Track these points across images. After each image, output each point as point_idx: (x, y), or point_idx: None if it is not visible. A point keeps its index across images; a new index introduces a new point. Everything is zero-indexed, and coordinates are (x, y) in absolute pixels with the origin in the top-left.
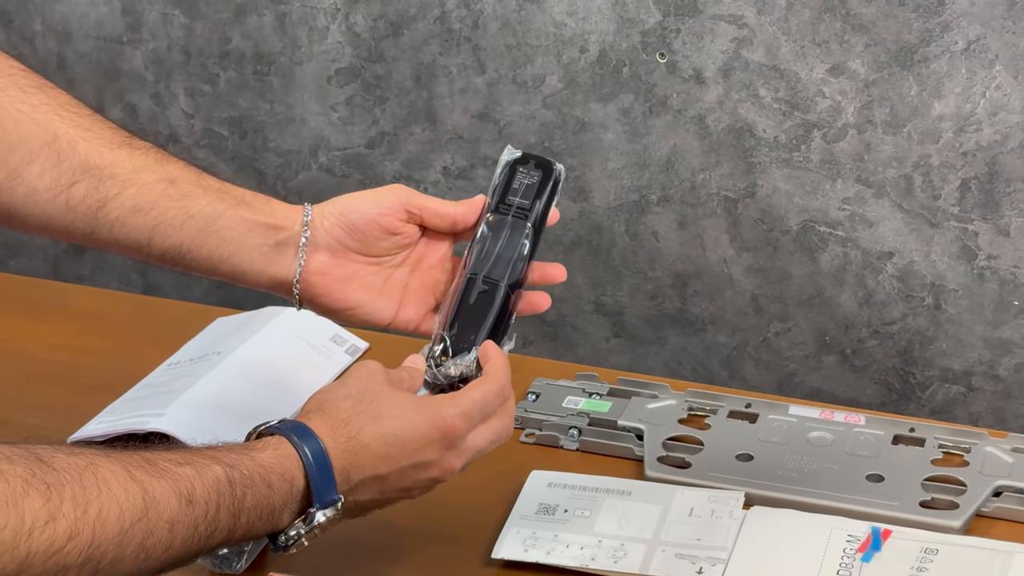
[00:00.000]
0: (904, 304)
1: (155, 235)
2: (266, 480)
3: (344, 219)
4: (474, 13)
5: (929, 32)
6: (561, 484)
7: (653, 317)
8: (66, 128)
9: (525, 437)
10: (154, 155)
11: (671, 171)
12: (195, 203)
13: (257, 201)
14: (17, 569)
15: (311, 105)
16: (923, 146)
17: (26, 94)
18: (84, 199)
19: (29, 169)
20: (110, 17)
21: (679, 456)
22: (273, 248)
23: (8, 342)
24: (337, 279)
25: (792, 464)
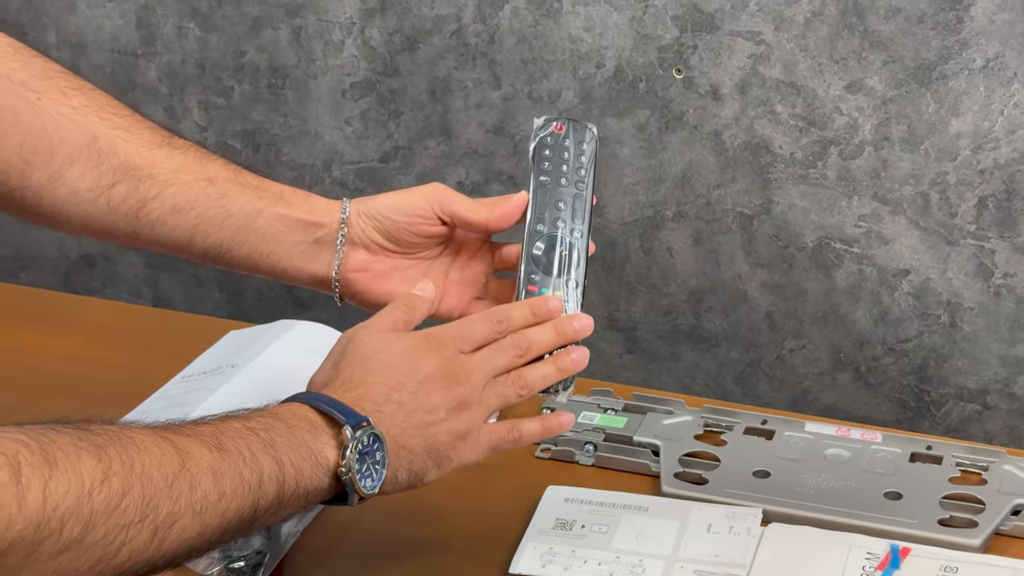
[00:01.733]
0: (920, 322)
1: (196, 234)
2: (283, 420)
3: (377, 223)
4: (490, 28)
5: (947, 50)
6: (578, 500)
7: (667, 333)
8: (106, 129)
9: (540, 452)
10: (193, 154)
11: (686, 187)
12: (234, 202)
13: (296, 197)
14: (83, 531)
15: (325, 119)
16: (940, 163)
17: (66, 96)
18: (125, 199)
19: (70, 171)
20: (125, 30)
21: (696, 472)
22: (312, 245)
23: (20, 354)
24: (377, 275)
25: (810, 481)
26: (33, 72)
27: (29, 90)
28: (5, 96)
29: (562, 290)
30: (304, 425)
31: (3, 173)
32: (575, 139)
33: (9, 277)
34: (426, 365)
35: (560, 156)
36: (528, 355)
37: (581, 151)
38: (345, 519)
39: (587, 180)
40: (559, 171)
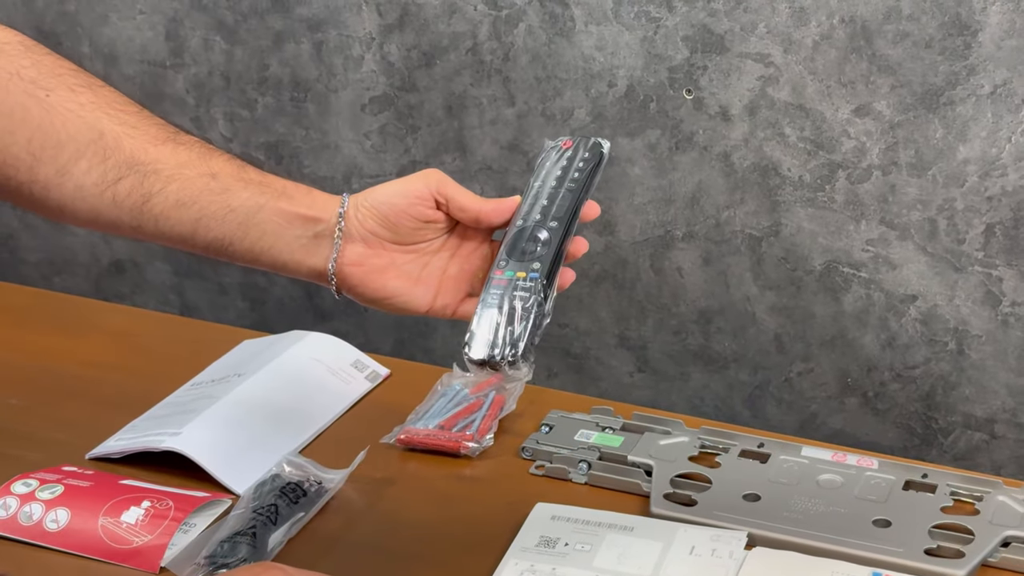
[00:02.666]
0: (927, 348)
1: (198, 228)
2: None
3: (376, 211)
4: (505, 45)
5: (955, 75)
6: (565, 517)
7: (676, 353)
8: (112, 125)
9: (535, 469)
10: (198, 150)
11: (696, 207)
12: (236, 197)
13: (298, 192)
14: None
15: (345, 132)
16: (948, 189)
17: (75, 93)
18: (130, 194)
19: (77, 165)
20: (154, 42)
21: (686, 494)
22: (312, 239)
23: (39, 357)
24: (373, 269)
25: (799, 506)
26: (43, 70)
27: (38, 87)
28: (15, 93)
29: (525, 272)
30: None
31: (12, 168)
32: (579, 151)
33: (44, 282)
34: None
35: (558, 164)
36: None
37: (581, 159)
38: (334, 529)
39: (579, 183)
40: (552, 175)
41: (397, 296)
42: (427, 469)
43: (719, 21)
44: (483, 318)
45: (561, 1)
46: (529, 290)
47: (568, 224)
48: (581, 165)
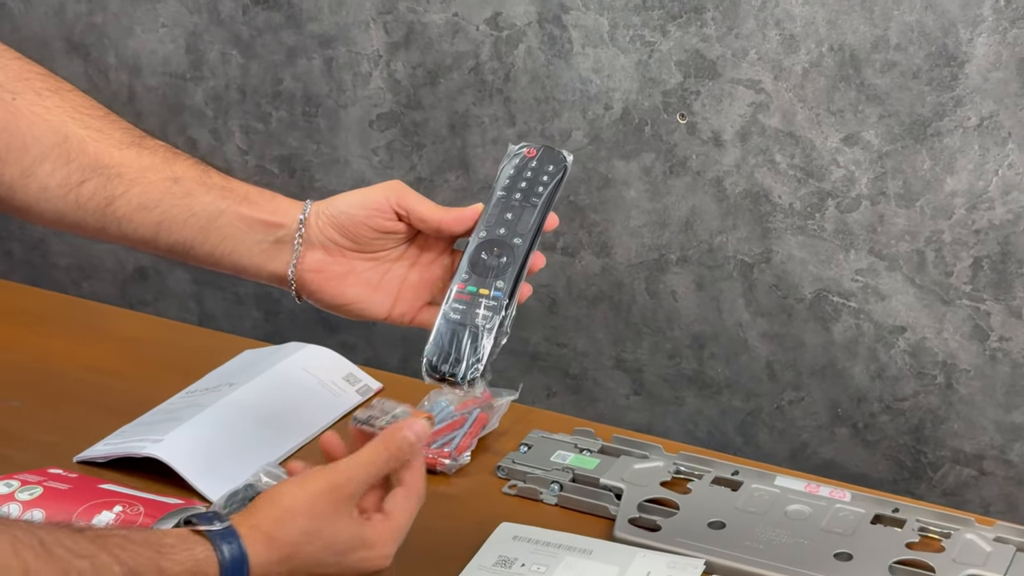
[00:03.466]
0: (916, 381)
1: (160, 231)
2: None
3: (334, 220)
4: (506, 66)
5: (942, 106)
6: (525, 538)
7: (671, 377)
8: (77, 129)
9: (508, 488)
10: (162, 154)
11: (690, 232)
12: (198, 201)
13: (261, 198)
14: None
15: (354, 147)
16: (936, 221)
17: (41, 97)
18: (93, 196)
19: (41, 167)
20: (175, 54)
21: (651, 519)
22: (272, 245)
23: (47, 360)
24: (332, 276)
25: (763, 536)
26: (10, 74)
27: (5, 90)
28: None
29: (488, 290)
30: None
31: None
32: (543, 162)
33: (74, 286)
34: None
35: (522, 175)
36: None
37: (545, 171)
38: None
39: (542, 197)
40: (517, 187)
41: (356, 303)
42: None
43: (711, 47)
44: (444, 333)
45: (559, 23)
46: (492, 309)
47: (532, 241)
48: (545, 179)
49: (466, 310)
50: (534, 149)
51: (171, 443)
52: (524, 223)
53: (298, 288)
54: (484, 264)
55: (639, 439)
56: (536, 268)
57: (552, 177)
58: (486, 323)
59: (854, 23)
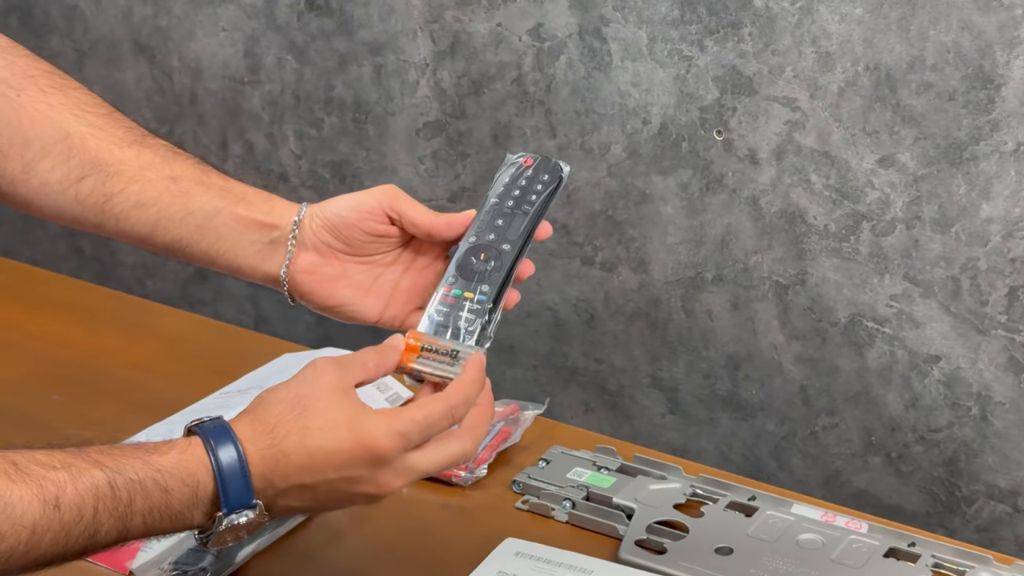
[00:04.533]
0: (950, 412)
1: (157, 229)
2: (161, 485)
3: (327, 223)
4: (547, 77)
5: (978, 130)
6: (528, 555)
7: (706, 397)
8: (79, 126)
9: (520, 503)
10: (163, 153)
11: (725, 250)
12: (195, 200)
13: (258, 199)
14: None
15: (401, 155)
16: (971, 248)
17: (45, 94)
18: (91, 193)
19: (42, 163)
20: (234, 58)
21: (659, 541)
22: (267, 245)
23: (93, 357)
24: (324, 278)
25: (770, 564)
26: (16, 70)
27: (9, 87)
28: None
29: (473, 293)
30: (186, 491)
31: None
32: (539, 171)
33: (139, 285)
34: (358, 470)
35: (517, 183)
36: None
37: (540, 181)
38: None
39: (535, 206)
40: (510, 195)
41: (347, 305)
42: (417, 494)
43: (748, 63)
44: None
45: (599, 35)
46: (476, 312)
47: (521, 248)
48: (539, 188)
49: (449, 312)
50: (531, 159)
51: None
52: (514, 230)
53: (290, 289)
54: (471, 268)
55: (660, 459)
56: (524, 276)
57: (546, 187)
58: (468, 326)
59: (890, 42)
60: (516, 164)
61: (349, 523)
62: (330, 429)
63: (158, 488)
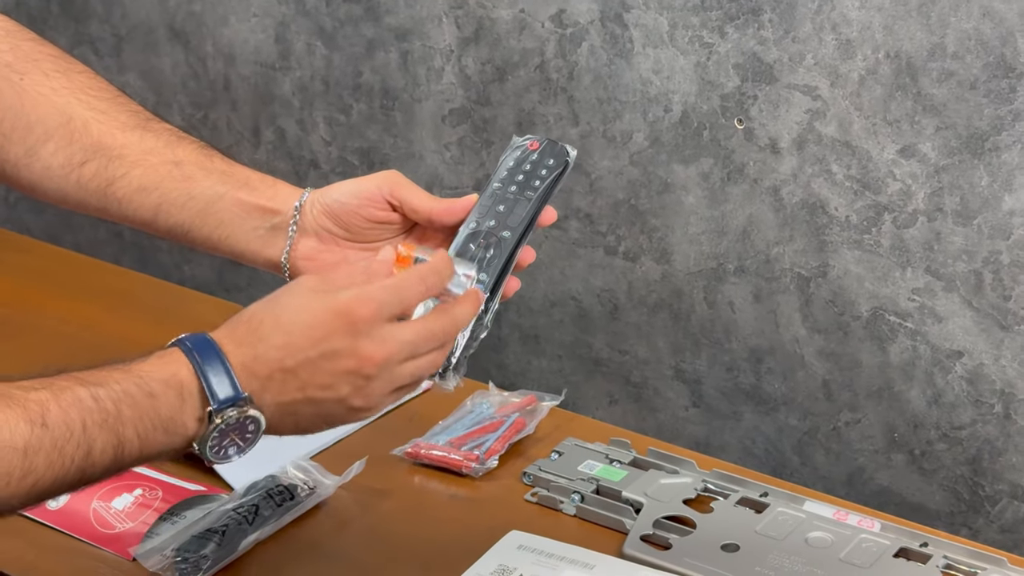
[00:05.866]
0: (973, 409)
1: (159, 213)
2: (145, 390)
3: (328, 209)
4: (570, 64)
5: (1000, 120)
6: (531, 548)
7: (729, 390)
8: (81, 110)
9: (530, 496)
10: (166, 137)
11: (747, 241)
12: (198, 185)
13: (262, 184)
14: None
15: (428, 142)
16: (993, 241)
17: (48, 78)
18: (94, 177)
19: (45, 147)
20: (266, 44)
21: (665, 536)
22: (268, 231)
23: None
24: (324, 264)
25: (776, 562)
26: (20, 55)
27: (13, 71)
28: None
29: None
30: (171, 393)
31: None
32: (544, 155)
33: (176, 270)
34: (337, 342)
35: (521, 167)
36: (446, 348)
37: (544, 165)
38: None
39: (538, 191)
40: (513, 179)
41: None
42: (428, 485)
43: (768, 50)
44: None
45: (620, 22)
46: None
47: (521, 235)
48: (544, 172)
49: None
50: (537, 142)
51: None
52: (515, 216)
53: (291, 275)
54: (470, 255)
55: (674, 453)
56: (525, 263)
57: (551, 171)
58: None
59: (911, 29)
60: (522, 147)
61: (356, 512)
62: (305, 308)
63: (143, 393)
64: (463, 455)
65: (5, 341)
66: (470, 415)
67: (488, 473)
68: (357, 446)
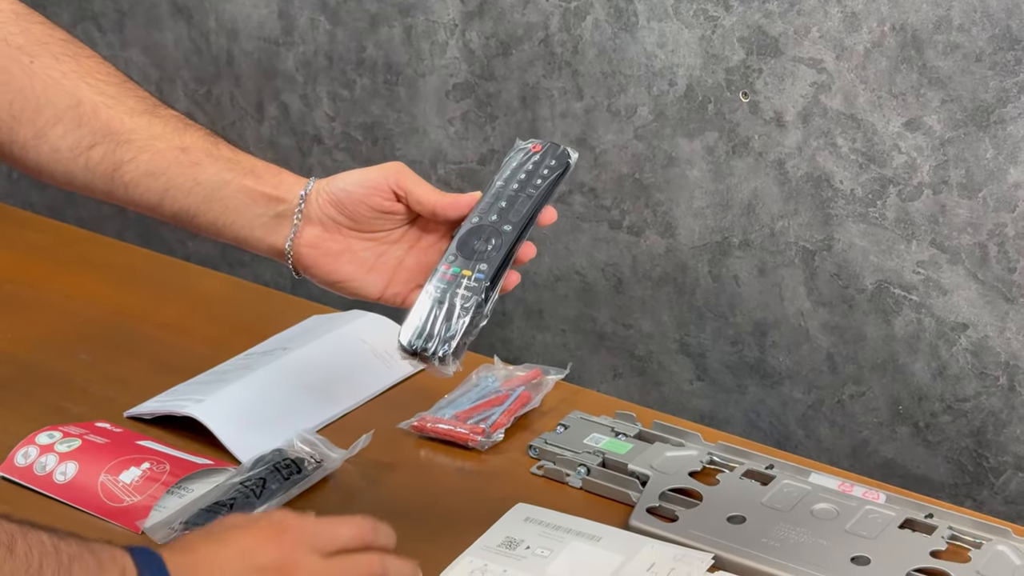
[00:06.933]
0: (978, 381)
1: (165, 198)
2: (96, 558)
3: (333, 197)
4: (574, 38)
5: (1006, 92)
6: (537, 520)
7: (734, 364)
8: (91, 94)
9: (536, 469)
10: (174, 123)
11: (752, 215)
12: (204, 171)
13: (267, 172)
14: None
15: (432, 117)
16: (998, 214)
17: (58, 61)
18: (102, 161)
19: (54, 130)
20: (269, 19)
21: (671, 509)
22: (273, 219)
23: (122, 316)
24: (328, 252)
25: (782, 534)
26: (30, 37)
27: (24, 53)
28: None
29: (471, 271)
30: (116, 572)
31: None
32: (546, 156)
33: (180, 246)
34: (264, 554)
35: (523, 167)
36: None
37: (546, 166)
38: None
39: (539, 189)
40: (515, 178)
41: (349, 281)
42: (434, 458)
43: (773, 23)
44: (422, 309)
45: None
46: (472, 290)
47: (522, 229)
48: (545, 172)
49: (446, 289)
50: (540, 145)
51: (211, 404)
52: (516, 212)
53: (295, 263)
54: (472, 248)
55: (679, 426)
56: (526, 258)
57: (552, 171)
58: (464, 303)
59: (916, 2)
60: (524, 149)
61: (362, 486)
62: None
63: (94, 561)
64: (469, 428)
65: (9, 317)
66: (475, 389)
67: (494, 446)
68: (363, 419)
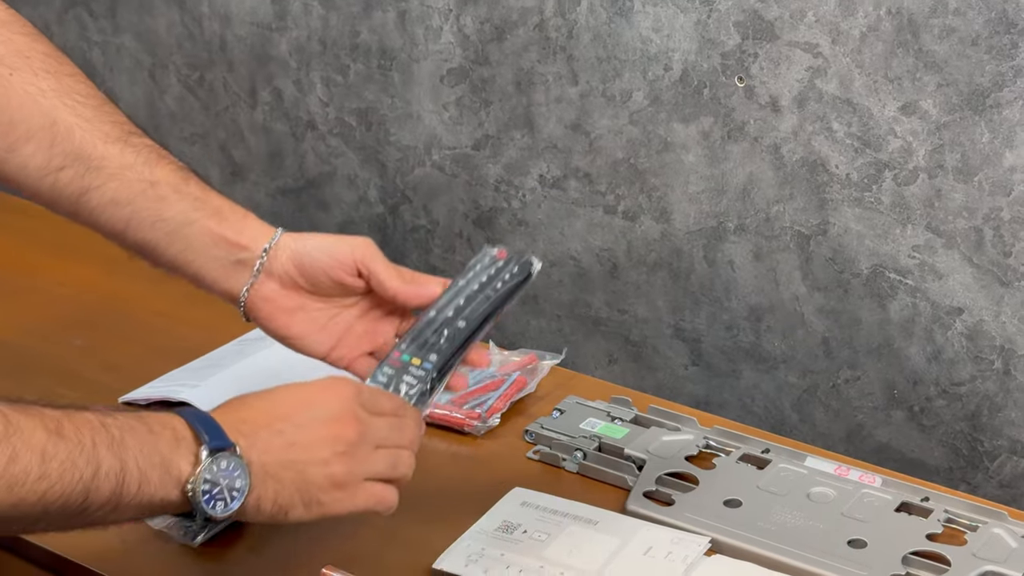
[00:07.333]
0: (973, 365)
1: (129, 228)
2: (146, 424)
3: (297, 259)
4: (569, 23)
5: (1002, 76)
6: (534, 504)
7: (729, 348)
8: (67, 115)
9: (532, 453)
10: (146, 154)
11: (747, 200)
12: (170, 208)
13: (233, 215)
14: None
15: (426, 103)
16: (994, 198)
17: (37, 77)
18: (69, 184)
19: (25, 147)
20: (262, 4)
21: (667, 492)
22: (232, 264)
23: (118, 303)
24: (282, 308)
25: (778, 517)
26: (12, 49)
27: (3, 65)
28: None
29: (420, 360)
30: (168, 435)
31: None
32: (509, 263)
33: None
34: (323, 405)
35: (487, 270)
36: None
37: (510, 272)
38: None
39: (498, 292)
40: (477, 280)
41: (299, 338)
42: (430, 443)
43: (769, 7)
44: None
45: None
46: (418, 379)
47: (475, 328)
48: (507, 278)
49: (394, 375)
50: (506, 251)
51: (206, 390)
52: (473, 311)
53: (247, 311)
54: (425, 339)
55: (674, 410)
56: (479, 365)
57: (514, 278)
58: (408, 389)
59: None
60: (490, 255)
61: None
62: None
63: (144, 428)
64: (465, 413)
65: (3, 303)
66: (471, 374)
67: (490, 431)
68: None
